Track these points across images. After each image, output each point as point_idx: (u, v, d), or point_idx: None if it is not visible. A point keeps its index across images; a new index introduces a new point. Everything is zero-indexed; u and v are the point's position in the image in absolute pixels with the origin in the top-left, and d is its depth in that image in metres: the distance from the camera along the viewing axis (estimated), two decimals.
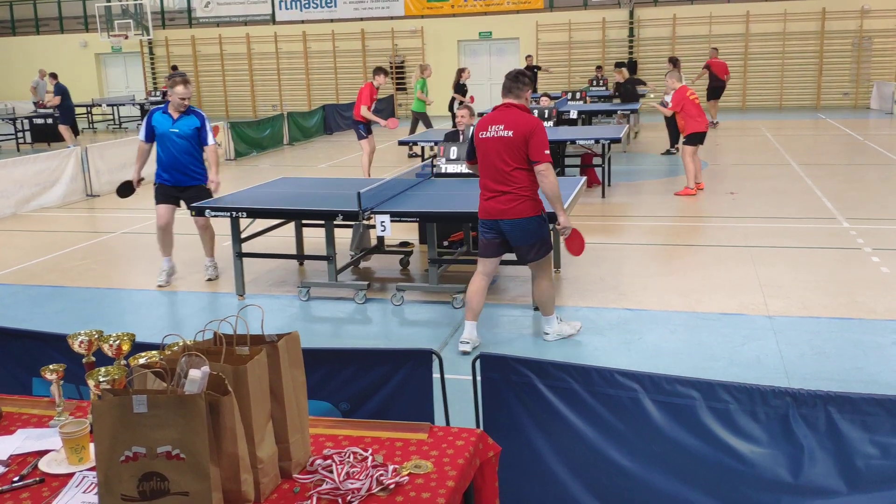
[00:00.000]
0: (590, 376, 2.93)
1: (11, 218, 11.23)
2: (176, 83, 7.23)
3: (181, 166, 7.31)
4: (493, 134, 5.34)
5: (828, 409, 2.71)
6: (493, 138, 5.34)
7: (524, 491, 3.08)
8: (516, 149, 5.28)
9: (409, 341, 5.85)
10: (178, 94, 7.20)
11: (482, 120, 5.49)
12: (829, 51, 23.56)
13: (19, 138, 20.16)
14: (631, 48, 24.97)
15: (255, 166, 15.80)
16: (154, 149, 7.42)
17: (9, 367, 3.49)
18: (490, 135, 5.35)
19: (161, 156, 7.34)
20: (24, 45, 30.17)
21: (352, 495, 2.08)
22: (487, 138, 5.37)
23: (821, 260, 7.59)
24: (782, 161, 13.61)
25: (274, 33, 27.75)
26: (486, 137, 5.38)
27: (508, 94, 5.44)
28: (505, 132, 5.29)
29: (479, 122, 5.50)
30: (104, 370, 2.38)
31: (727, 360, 5.29)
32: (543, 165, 5.26)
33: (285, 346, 2.23)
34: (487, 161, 5.39)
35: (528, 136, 5.25)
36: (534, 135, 5.25)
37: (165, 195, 7.39)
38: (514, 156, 5.29)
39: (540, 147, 5.26)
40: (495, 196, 5.39)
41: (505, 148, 5.29)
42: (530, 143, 5.26)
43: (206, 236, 7.59)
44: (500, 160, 5.31)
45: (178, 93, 7.19)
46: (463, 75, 17.82)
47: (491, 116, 5.42)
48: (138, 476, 1.89)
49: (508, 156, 5.29)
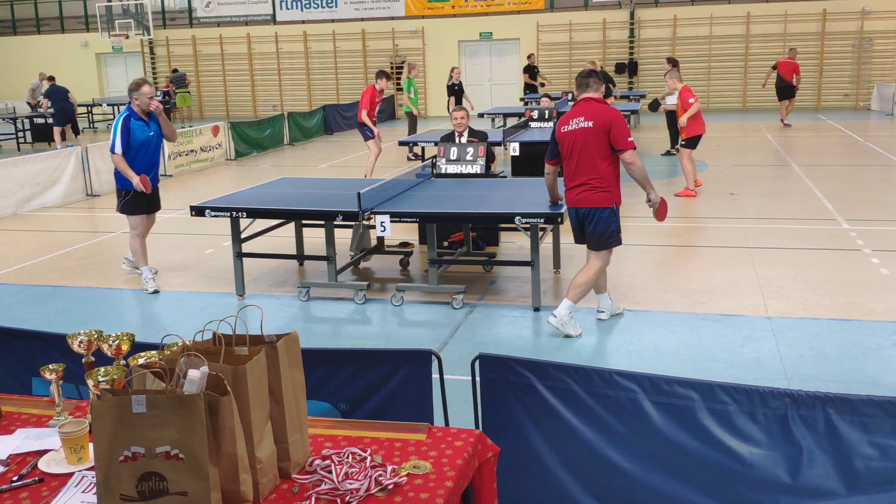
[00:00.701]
0: (589, 377, 2.93)
1: (12, 217, 11.24)
2: (140, 84, 7.15)
3: (155, 169, 7.38)
4: (575, 126, 5.62)
5: (826, 411, 2.71)
6: (575, 131, 5.63)
7: (523, 491, 3.08)
8: (598, 139, 5.56)
9: (408, 342, 5.85)
10: (145, 95, 7.10)
11: (563, 116, 5.76)
12: (830, 52, 23.56)
13: (20, 138, 20.17)
14: (631, 49, 24.98)
15: (256, 166, 15.81)
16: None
17: (9, 366, 3.49)
18: (572, 128, 5.64)
19: (141, 162, 7.21)
20: (24, 45, 30.17)
21: (350, 496, 2.08)
22: (570, 131, 5.65)
23: (821, 261, 7.59)
24: (782, 162, 13.62)
25: (274, 33, 27.76)
26: (568, 131, 5.66)
27: (586, 90, 5.72)
28: (586, 123, 5.58)
29: (560, 119, 5.76)
30: (103, 370, 2.38)
31: (727, 361, 5.29)
32: (628, 153, 5.56)
33: (284, 346, 2.24)
34: (572, 153, 5.66)
35: (609, 125, 5.54)
36: (614, 124, 5.54)
37: (143, 204, 7.33)
38: (596, 146, 5.58)
39: (622, 136, 5.56)
40: (578, 186, 5.69)
41: (588, 138, 5.58)
42: (612, 133, 5.54)
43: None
44: (584, 151, 5.60)
45: (145, 93, 7.10)
46: (453, 75, 17.85)
47: (572, 111, 5.70)
48: (137, 476, 1.90)
49: (591, 146, 5.58)
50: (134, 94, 7.14)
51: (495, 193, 7.16)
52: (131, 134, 7.11)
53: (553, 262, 7.49)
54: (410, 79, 16.06)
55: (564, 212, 6.14)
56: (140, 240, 7.42)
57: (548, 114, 13.40)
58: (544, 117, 13.36)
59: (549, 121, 13.29)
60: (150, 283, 7.41)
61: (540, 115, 13.41)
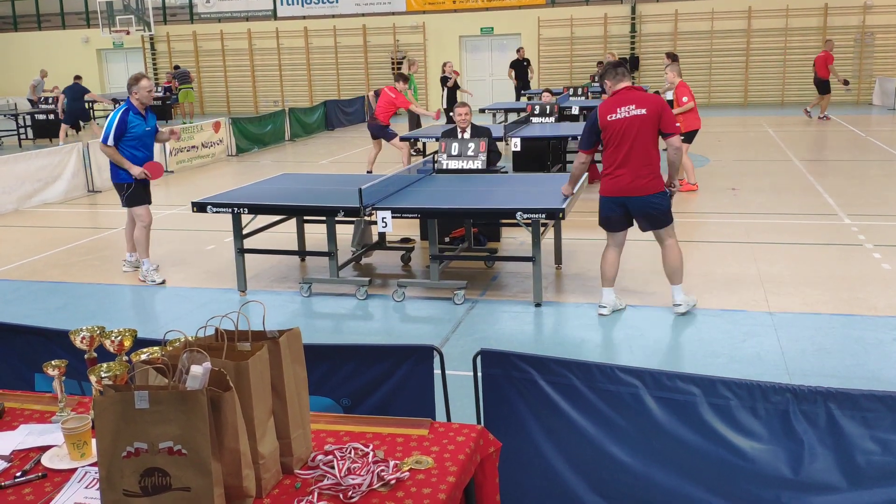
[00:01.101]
0: (591, 372, 2.94)
1: (13, 214, 11.25)
2: (139, 78, 7.23)
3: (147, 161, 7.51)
4: (626, 114, 5.68)
5: (828, 406, 2.72)
6: (627, 118, 5.68)
7: (525, 486, 3.09)
8: (652, 125, 5.68)
9: (410, 337, 5.85)
10: (144, 89, 7.20)
11: (606, 105, 5.77)
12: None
13: (21, 134, 20.17)
14: (633, 44, 24.94)
15: (257, 162, 15.80)
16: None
17: (11, 362, 3.49)
18: (621, 116, 5.69)
19: (138, 156, 7.32)
20: (25, 41, 30.17)
21: (353, 491, 2.08)
22: (619, 119, 5.70)
23: (822, 256, 7.59)
24: (784, 157, 13.60)
25: (275, 29, 27.74)
26: (617, 119, 5.70)
27: (624, 79, 5.82)
28: (638, 111, 5.67)
29: (602, 107, 5.78)
30: (106, 366, 2.39)
31: (728, 356, 5.30)
32: (676, 138, 5.77)
33: (286, 342, 2.24)
34: (622, 141, 5.71)
35: (661, 111, 5.69)
36: (664, 110, 5.71)
37: (146, 194, 7.49)
38: (651, 133, 5.71)
39: (672, 120, 5.77)
40: (632, 174, 5.74)
41: (643, 126, 5.67)
42: (663, 118, 5.69)
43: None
44: (638, 138, 5.68)
45: (144, 87, 7.20)
46: (445, 69, 17.87)
47: (616, 100, 5.75)
48: (140, 471, 1.90)
49: (646, 133, 5.69)
50: (133, 89, 7.20)
51: (497, 189, 7.16)
52: (129, 128, 7.19)
53: (554, 258, 7.49)
54: (411, 75, 16.08)
55: (566, 207, 6.14)
56: (146, 231, 7.49)
57: (549, 109, 13.36)
58: (545, 113, 13.32)
59: (551, 116, 13.26)
60: (155, 274, 7.50)
61: (541, 110, 13.38)
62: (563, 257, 7.57)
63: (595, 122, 5.81)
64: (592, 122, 5.84)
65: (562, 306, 6.45)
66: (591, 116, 5.87)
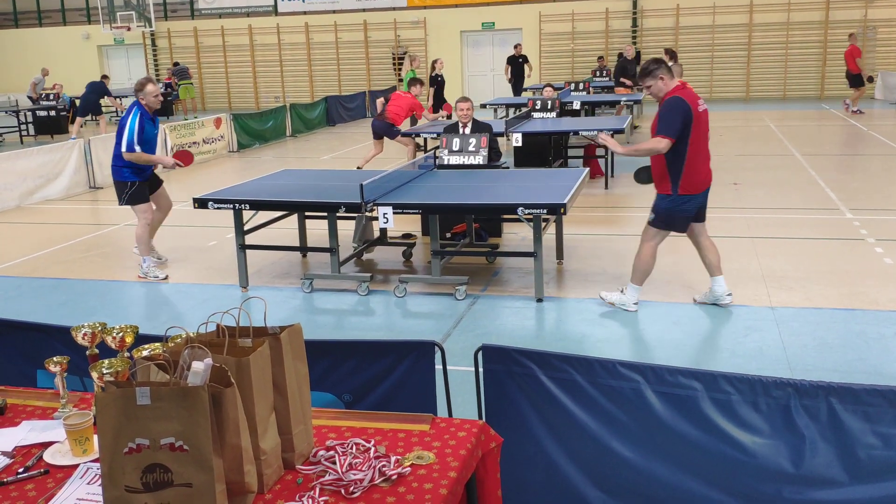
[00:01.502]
0: (592, 367, 2.94)
1: (15, 210, 11.26)
2: (145, 83, 7.33)
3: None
4: (704, 107, 5.80)
5: (829, 400, 2.71)
6: (706, 111, 5.82)
7: (526, 482, 3.09)
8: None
9: (411, 333, 5.85)
10: (151, 94, 7.32)
11: (687, 96, 5.73)
12: (834, 40, 23.47)
13: (23, 131, 20.17)
14: (634, 38, 24.90)
15: (258, 158, 15.80)
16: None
17: (13, 359, 3.50)
18: (703, 108, 5.79)
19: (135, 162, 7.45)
20: (26, 38, 30.16)
21: (354, 486, 2.09)
22: (704, 111, 5.79)
23: (824, 250, 7.58)
24: (785, 151, 13.58)
25: (276, 24, 27.71)
26: (702, 111, 5.78)
27: (676, 74, 5.91)
28: (705, 105, 5.86)
29: (687, 98, 5.71)
30: (107, 362, 2.39)
31: (729, 351, 5.29)
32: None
33: (288, 338, 2.24)
34: (706, 134, 5.83)
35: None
36: None
37: (147, 191, 7.57)
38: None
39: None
40: (709, 168, 5.91)
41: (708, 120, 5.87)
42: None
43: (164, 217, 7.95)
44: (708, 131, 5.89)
45: (150, 92, 7.32)
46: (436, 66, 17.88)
47: (691, 93, 5.78)
48: (142, 468, 1.90)
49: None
50: (140, 95, 7.33)
51: (498, 184, 7.15)
52: (144, 132, 7.33)
53: (556, 253, 7.49)
54: (413, 70, 16.07)
55: (567, 202, 6.13)
56: (148, 228, 7.54)
57: (550, 104, 13.34)
58: (547, 108, 13.30)
59: (552, 111, 13.24)
60: (157, 270, 7.56)
61: (543, 105, 13.36)
62: (565, 253, 7.57)
63: (688, 111, 5.63)
64: (684, 111, 5.62)
65: (563, 301, 6.45)
66: (679, 105, 5.62)
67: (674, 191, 5.75)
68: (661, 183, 5.84)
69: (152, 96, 7.30)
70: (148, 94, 7.28)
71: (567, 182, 6.89)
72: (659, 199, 5.86)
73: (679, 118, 5.60)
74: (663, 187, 5.82)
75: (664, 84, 5.74)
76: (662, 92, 5.74)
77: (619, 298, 6.10)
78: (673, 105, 5.65)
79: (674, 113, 5.63)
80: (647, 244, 5.97)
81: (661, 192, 5.85)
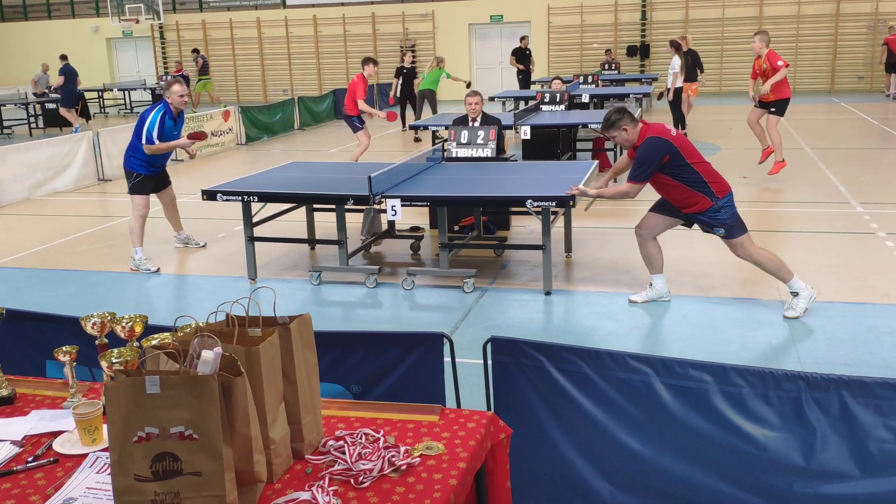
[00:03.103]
0: (602, 360, 2.92)
1: (24, 202, 11.29)
2: (172, 83, 7.52)
3: (168, 158, 7.90)
4: (676, 131, 5.83)
5: (841, 394, 2.70)
6: (680, 134, 5.86)
7: (535, 473, 3.09)
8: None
9: (419, 325, 5.85)
10: (176, 94, 7.47)
11: (658, 131, 5.72)
12: (844, 34, 23.33)
13: (31, 123, 20.22)
14: (643, 31, 24.80)
15: (266, 151, 15.81)
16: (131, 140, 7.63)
17: (23, 349, 3.51)
18: (675, 133, 5.82)
19: (162, 156, 7.67)
20: (36, 30, 30.22)
21: (364, 476, 2.08)
22: (678, 134, 5.82)
23: (834, 244, 7.54)
24: (796, 145, 13.51)
25: (284, 17, 27.70)
26: (676, 135, 5.78)
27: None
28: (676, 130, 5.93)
29: (659, 133, 5.70)
30: (117, 352, 2.39)
31: (739, 344, 5.27)
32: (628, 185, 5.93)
33: (297, 327, 2.23)
34: (695, 151, 5.80)
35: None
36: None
37: (150, 185, 7.68)
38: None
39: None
40: None
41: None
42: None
43: (175, 211, 8.13)
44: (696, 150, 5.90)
45: (176, 91, 7.47)
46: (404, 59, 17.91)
47: (658, 127, 5.80)
48: (151, 456, 1.90)
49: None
50: (166, 94, 7.51)
51: (506, 177, 7.13)
52: (164, 129, 7.43)
53: (564, 246, 7.47)
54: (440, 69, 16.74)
55: (576, 195, 6.11)
56: (142, 221, 7.59)
57: (559, 97, 13.30)
58: (555, 100, 13.26)
59: (561, 104, 13.20)
60: (149, 262, 7.59)
61: (551, 98, 13.33)
62: (574, 246, 7.55)
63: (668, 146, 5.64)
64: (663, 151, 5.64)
65: (572, 295, 6.44)
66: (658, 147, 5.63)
67: (714, 199, 5.61)
68: (693, 204, 5.66)
69: (177, 96, 7.44)
70: (173, 94, 7.43)
71: (576, 175, 6.86)
72: (711, 215, 5.65)
73: (657, 161, 5.59)
74: (700, 204, 5.64)
75: (629, 134, 5.72)
76: (629, 142, 5.76)
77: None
78: (652, 147, 5.61)
79: (652, 155, 5.60)
80: (754, 249, 5.74)
81: (705, 209, 5.65)
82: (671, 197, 5.78)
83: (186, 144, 7.65)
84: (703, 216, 5.69)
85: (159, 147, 7.41)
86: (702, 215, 5.70)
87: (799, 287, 5.71)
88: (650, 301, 6.09)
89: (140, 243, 7.61)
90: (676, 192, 5.70)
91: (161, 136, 7.37)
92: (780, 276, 5.75)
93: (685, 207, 5.75)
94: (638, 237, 6.04)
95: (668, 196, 5.80)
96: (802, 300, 5.70)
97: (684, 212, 5.78)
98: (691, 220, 5.83)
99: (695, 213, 5.72)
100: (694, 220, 5.80)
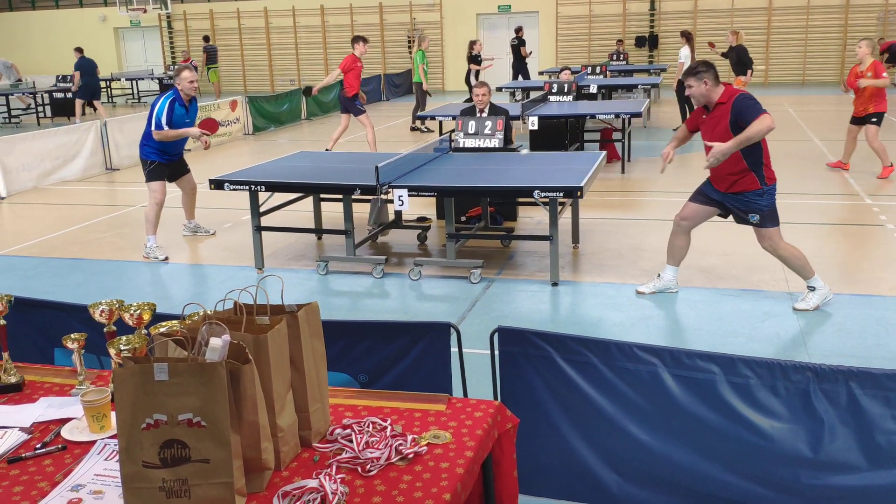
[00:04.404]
0: (609, 351, 2.92)
1: (32, 191, 11.32)
2: (180, 70, 7.51)
3: (182, 145, 7.87)
4: None
5: (849, 385, 2.69)
6: None
7: (542, 463, 3.09)
8: None
9: (426, 316, 5.85)
10: (185, 80, 7.46)
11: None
12: (854, 24, 23.17)
13: (40, 112, 20.25)
14: (652, 22, 24.67)
15: (274, 141, 15.81)
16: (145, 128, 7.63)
17: (31, 337, 3.52)
18: None
19: (174, 144, 7.65)
20: (43, 20, 30.22)
21: (371, 464, 2.09)
22: None
23: (842, 236, 7.51)
24: (804, 137, 13.44)
25: (292, 7, 27.64)
26: None
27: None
28: None
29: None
30: (125, 339, 2.40)
31: (747, 336, 5.26)
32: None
33: (305, 316, 2.24)
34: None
35: None
36: None
37: (165, 172, 7.71)
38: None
39: None
40: None
41: None
42: None
43: (193, 200, 8.21)
44: None
45: (185, 78, 7.46)
46: (475, 47, 17.64)
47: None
48: (159, 443, 1.91)
49: None
50: (176, 80, 7.52)
51: (513, 167, 7.11)
52: (174, 115, 7.42)
53: (571, 237, 7.46)
54: (422, 51, 15.89)
55: (584, 185, 6.09)
56: (158, 209, 7.59)
57: (567, 87, 13.25)
58: (563, 91, 13.22)
59: (569, 94, 13.16)
60: (158, 251, 7.61)
61: (559, 88, 13.28)
62: (581, 236, 7.53)
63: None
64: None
65: (579, 285, 6.43)
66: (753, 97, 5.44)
67: (762, 182, 5.48)
68: (741, 180, 5.50)
69: (187, 82, 7.44)
70: (183, 80, 7.43)
71: (583, 165, 6.85)
72: (753, 198, 5.51)
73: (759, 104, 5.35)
74: (746, 183, 5.49)
75: (707, 89, 5.47)
76: (705, 97, 5.49)
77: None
78: (750, 97, 5.41)
79: (754, 100, 5.37)
80: (782, 244, 5.66)
81: (749, 190, 5.50)
82: (723, 167, 5.47)
83: (196, 134, 7.60)
84: (745, 197, 5.53)
85: (168, 133, 7.39)
86: (744, 196, 5.53)
87: (818, 284, 5.69)
88: (657, 292, 6.07)
89: (153, 231, 7.64)
90: (733, 163, 5.44)
91: (171, 122, 7.36)
92: (802, 273, 5.71)
93: (731, 185, 5.54)
94: (676, 225, 5.96)
95: (723, 166, 5.47)
96: (817, 296, 5.66)
97: (727, 190, 5.58)
98: (728, 206, 5.67)
99: (738, 192, 5.53)
100: (731, 205, 5.63)
